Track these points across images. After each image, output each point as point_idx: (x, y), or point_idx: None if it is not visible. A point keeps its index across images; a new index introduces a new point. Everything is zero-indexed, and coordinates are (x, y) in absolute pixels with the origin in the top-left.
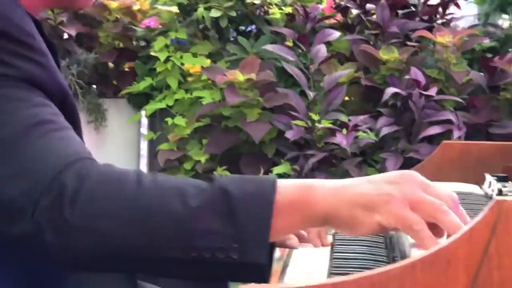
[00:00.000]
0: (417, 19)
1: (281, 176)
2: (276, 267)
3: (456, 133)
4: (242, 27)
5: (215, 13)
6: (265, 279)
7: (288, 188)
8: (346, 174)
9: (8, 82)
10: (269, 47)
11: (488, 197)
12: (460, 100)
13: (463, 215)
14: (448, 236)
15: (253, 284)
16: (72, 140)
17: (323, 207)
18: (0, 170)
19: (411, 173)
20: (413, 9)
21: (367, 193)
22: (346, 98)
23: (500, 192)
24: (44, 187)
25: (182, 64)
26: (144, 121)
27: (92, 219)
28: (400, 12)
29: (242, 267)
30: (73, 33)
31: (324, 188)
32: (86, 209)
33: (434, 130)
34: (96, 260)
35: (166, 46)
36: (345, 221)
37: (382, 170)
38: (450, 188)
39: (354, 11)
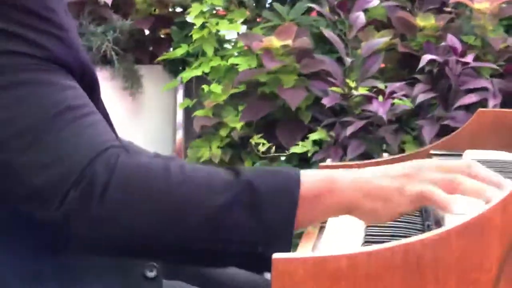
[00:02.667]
0: None
1: (317, 142)
2: (311, 233)
3: (491, 102)
4: None
5: None
6: None
7: (312, 181)
8: (382, 142)
9: (35, 65)
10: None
11: None
12: (497, 67)
13: (488, 177)
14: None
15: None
16: (100, 127)
17: (345, 200)
18: (30, 157)
19: (423, 161)
20: None
21: (385, 187)
22: (383, 65)
23: None
24: (75, 177)
25: (218, 30)
26: (181, 87)
27: (121, 211)
28: None
29: (266, 259)
30: (109, 0)
31: (346, 181)
32: (115, 202)
33: (470, 98)
34: (123, 250)
35: (202, 12)
36: (366, 213)
37: (418, 137)
38: (486, 156)
39: None
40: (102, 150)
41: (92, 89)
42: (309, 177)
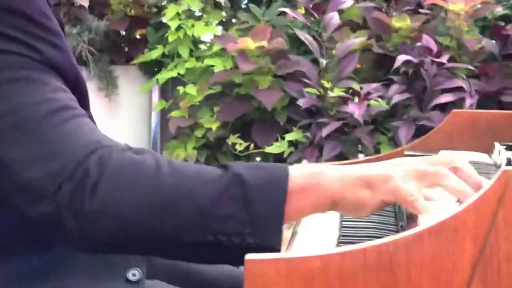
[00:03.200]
0: None
1: (293, 143)
2: (285, 234)
3: (468, 101)
4: None
5: None
6: None
7: (300, 175)
8: (357, 143)
9: (31, 65)
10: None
11: (497, 166)
12: (472, 68)
13: (470, 177)
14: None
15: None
16: (93, 128)
17: (331, 193)
18: (23, 151)
19: (411, 158)
20: None
21: (369, 175)
22: (358, 66)
23: (509, 162)
24: (68, 173)
25: (194, 32)
26: (156, 89)
27: (112, 206)
28: None
29: (255, 251)
30: (85, 2)
31: (332, 175)
32: (106, 196)
33: (446, 98)
34: (114, 245)
35: (178, 14)
36: (351, 204)
37: (394, 138)
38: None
39: None
40: (95, 148)
41: (82, 96)
42: (297, 171)
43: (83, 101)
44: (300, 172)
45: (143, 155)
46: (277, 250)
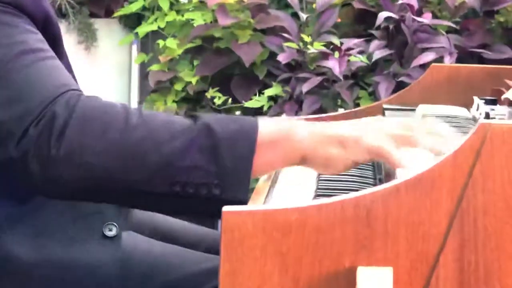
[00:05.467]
0: None
1: (273, 98)
2: (263, 186)
3: (447, 59)
4: None
5: None
6: None
7: (269, 128)
8: (337, 97)
9: None
10: None
11: (476, 120)
12: (453, 25)
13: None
14: None
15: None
16: (61, 71)
17: (300, 147)
18: None
19: (384, 117)
20: None
21: (341, 133)
22: (339, 20)
23: (487, 116)
24: (35, 116)
25: None
26: (136, 42)
27: (79, 152)
28: None
29: (223, 203)
30: None
31: (302, 130)
32: (74, 142)
33: (426, 57)
34: (80, 192)
35: None
36: (320, 160)
37: (374, 93)
38: (439, 111)
39: None
40: (63, 92)
41: (55, 41)
42: (267, 125)
43: (56, 42)
44: (270, 126)
45: (112, 102)
46: (244, 202)
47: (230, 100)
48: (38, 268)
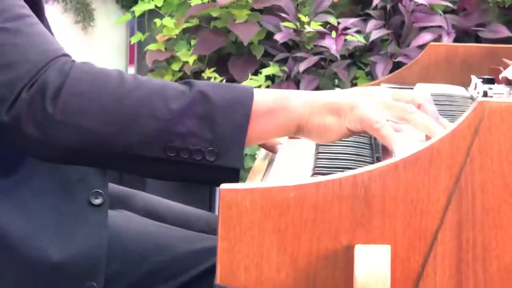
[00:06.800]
0: None
1: (270, 77)
2: (260, 165)
3: (445, 39)
4: None
5: None
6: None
7: (265, 96)
8: (334, 77)
9: None
10: None
11: (473, 99)
12: (450, 5)
13: (435, 115)
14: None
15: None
16: (50, 37)
17: (295, 116)
18: None
19: (381, 87)
20: None
21: (336, 101)
22: (336, 0)
23: (485, 94)
24: (27, 80)
25: None
26: (133, 21)
27: (74, 114)
28: None
29: (217, 170)
30: None
31: (298, 99)
32: (68, 105)
33: (424, 38)
34: (75, 155)
35: None
36: (315, 129)
37: (371, 73)
38: (436, 90)
39: None
40: (56, 56)
41: (36, 5)
42: (262, 93)
43: (37, 9)
44: (266, 95)
45: (106, 68)
46: (238, 169)
47: (227, 79)
48: (27, 239)
